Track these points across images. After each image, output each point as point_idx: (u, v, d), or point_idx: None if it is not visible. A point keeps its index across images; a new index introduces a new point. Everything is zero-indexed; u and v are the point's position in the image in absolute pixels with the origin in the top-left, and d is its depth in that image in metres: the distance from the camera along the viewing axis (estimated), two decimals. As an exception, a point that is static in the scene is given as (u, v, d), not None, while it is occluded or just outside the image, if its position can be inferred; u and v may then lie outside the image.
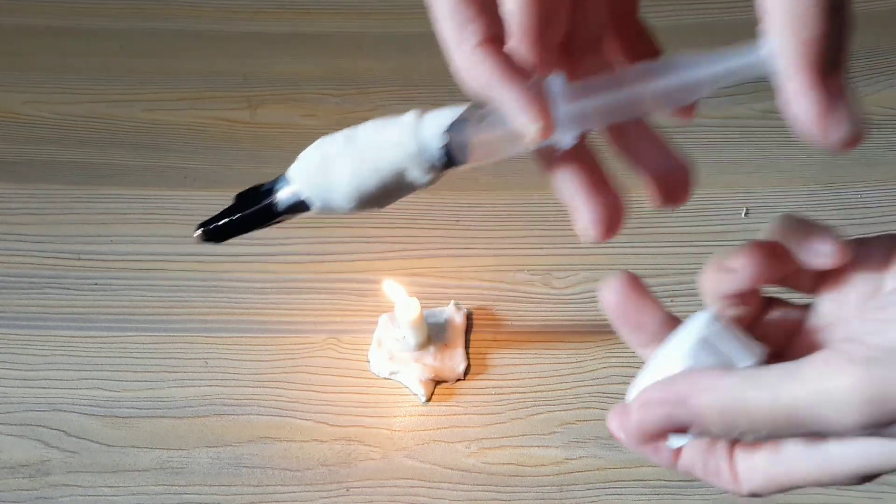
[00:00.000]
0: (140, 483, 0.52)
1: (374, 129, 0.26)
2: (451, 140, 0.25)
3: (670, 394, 0.25)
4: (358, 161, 0.26)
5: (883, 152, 0.68)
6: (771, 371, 0.24)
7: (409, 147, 0.26)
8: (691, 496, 0.51)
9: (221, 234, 0.30)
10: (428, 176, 0.26)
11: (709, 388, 0.24)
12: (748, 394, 0.23)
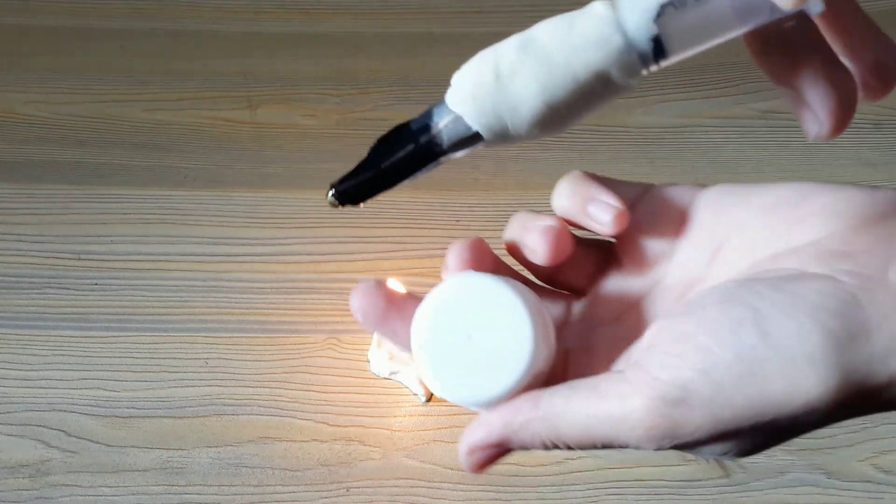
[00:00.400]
0: (140, 483, 0.52)
1: (558, 29, 0.22)
2: (661, 28, 0.21)
3: (493, 439, 0.25)
4: (545, 70, 0.21)
5: (883, 152, 0.68)
6: (579, 403, 0.24)
7: (613, 42, 0.21)
8: (691, 496, 0.51)
9: (364, 190, 0.24)
10: (634, 77, 0.22)
11: (524, 426, 0.25)
12: (561, 429, 0.24)
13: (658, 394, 0.23)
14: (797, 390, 0.22)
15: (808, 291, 0.23)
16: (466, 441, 0.26)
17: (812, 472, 0.52)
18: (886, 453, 0.53)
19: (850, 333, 0.22)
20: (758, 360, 0.22)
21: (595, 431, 0.24)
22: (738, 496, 0.51)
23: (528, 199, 0.63)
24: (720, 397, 0.22)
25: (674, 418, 0.23)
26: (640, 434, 0.23)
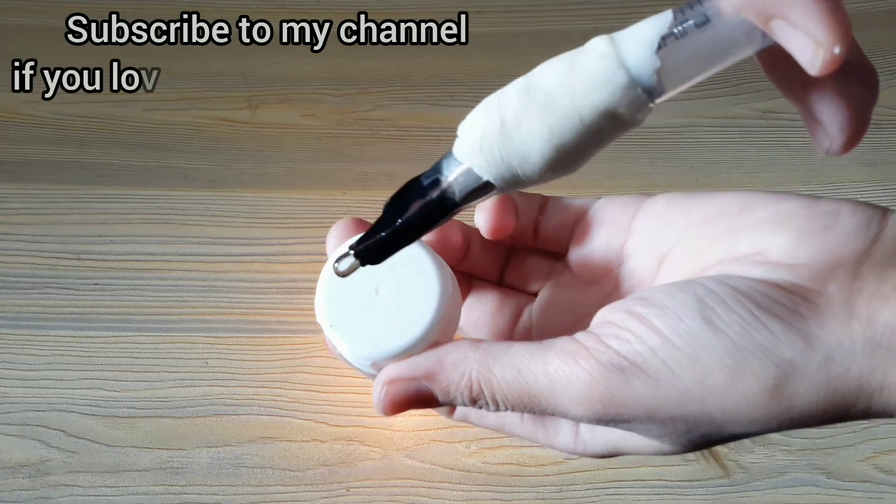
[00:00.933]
0: (140, 483, 0.52)
1: (559, 71, 0.21)
2: (664, 59, 0.21)
3: (418, 371, 0.25)
4: (551, 115, 0.21)
5: (883, 152, 0.68)
6: (520, 349, 0.24)
7: (617, 80, 0.21)
8: (691, 496, 0.51)
9: (383, 250, 0.25)
10: (643, 112, 0.22)
11: (456, 363, 0.25)
12: (494, 370, 0.24)
13: (607, 359, 0.23)
14: (737, 381, 0.22)
15: (752, 291, 0.23)
16: (388, 371, 0.26)
17: (812, 472, 0.52)
18: (886, 453, 0.53)
19: (790, 339, 0.22)
20: (702, 347, 0.22)
21: (530, 384, 0.24)
22: (738, 496, 0.51)
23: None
24: (665, 377, 0.23)
25: (616, 387, 0.23)
26: (576, 395, 0.23)
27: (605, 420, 0.24)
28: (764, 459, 0.53)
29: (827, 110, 0.23)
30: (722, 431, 0.23)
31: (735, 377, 0.22)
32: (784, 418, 0.23)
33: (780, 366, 0.22)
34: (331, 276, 0.27)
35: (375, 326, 0.26)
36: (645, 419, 0.23)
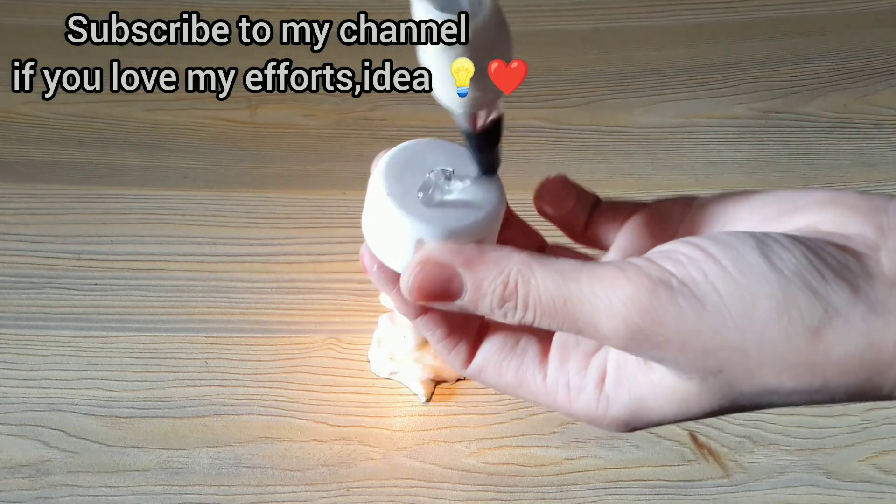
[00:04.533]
0: (140, 483, 0.52)
1: None
2: None
3: (457, 258, 0.25)
4: None
5: (883, 152, 0.68)
6: (565, 262, 0.24)
7: None
8: (691, 496, 0.51)
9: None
10: None
11: (498, 258, 0.24)
12: (536, 271, 0.24)
13: (657, 275, 0.23)
14: (782, 316, 0.22)
15: (810, 241, 0.23)
16: (426, 251, 0.25)
17: (812, 472, 0.52)
18: (886, 453, 0.53)
19: (839, 286, 0.22)
20: (754, 277, 0.22)
21: (570, 290, 0.23)
22: (738, 496, 0.51)
23: (528, 199, 0.63)
24: (712, 300, 0.22)
25: (661, 302, 0.23)
26: (617, 306, 0.23)
27: (638, 340, 0.23)
28: (764, 459, 0.53)
29: None
30: (753, 379, 0.23)
31: (781, 312, 0.22)
32: (818, 369, 0.23)
33: (827, 309, 0.22)
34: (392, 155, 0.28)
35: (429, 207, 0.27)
36: (679, 346, 0.23)
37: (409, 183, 0.27)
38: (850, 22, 0.76)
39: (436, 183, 0.27)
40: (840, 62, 0.73)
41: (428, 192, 0.27)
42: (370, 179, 0.28)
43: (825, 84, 0.72)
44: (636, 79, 0.73)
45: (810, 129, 0.70)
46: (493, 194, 0.27)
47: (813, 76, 0.72)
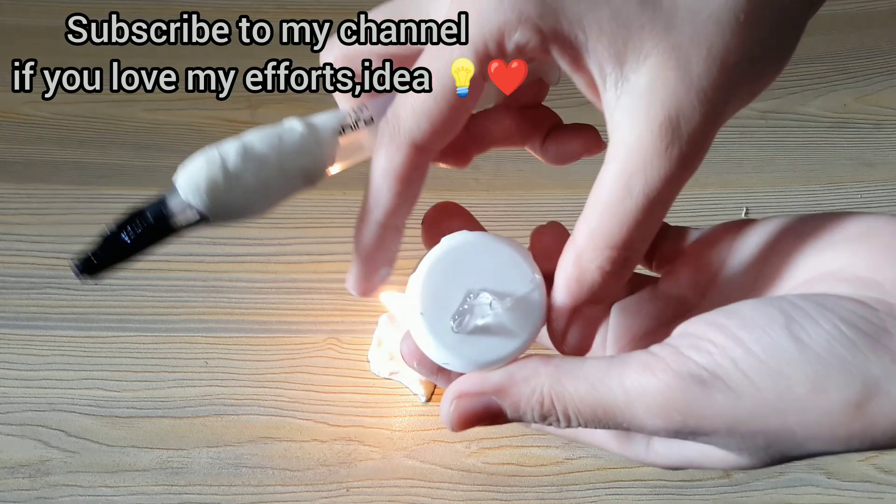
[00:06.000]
0: (140, 483, 0.52)
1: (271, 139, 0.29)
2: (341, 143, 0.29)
3: (488, 386, 0.25)
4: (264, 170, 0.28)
5: (883, 152, 0.68)
6: (593, 363, 0.24)
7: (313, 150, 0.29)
8: (691, 496, 0.51)
9: (103, 264, 0.28)
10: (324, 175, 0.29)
11: (527, 378, 0.25)
12: (567, 385, 0.24)
13: (687, 370, 0.23)
14: (820, 396, 0.22)
15: (839, 307, 0.23)
16: (457, 386, 0.26)
17: (812, 472, 0.52)
18: (886, 453, 0.53)
19: (876, 355, 0.22)
20: (786, 361, 0.22)
21: (604, 398, 0.23)
22: (738, 496, 0.51)
23: (528, 199, 0.63)
24: (746, 389, 0.22)
25: (696, 398, 0.22)
26: (654, 408, 0.23)
27: (684, 433, 0.23)
28: (764, 459, 0.53)
29: None
30: (802, 448, 0.23)
31: (818, 392, 0.22)
32: (866, 437, 0.22)
33: (866, 382, 0.22)
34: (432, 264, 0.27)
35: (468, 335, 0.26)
36: (725, 433, 0.23)
37: (445, 300, 0.27)
38: (850, 22, 0.76)
39: (472, 310, 0.26)
40: (840, 62, 0.73)
41: (463, 319, 0.26)
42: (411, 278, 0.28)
43: (825, 84, 0.72)
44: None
45: (810, 129, 0.70)
46: (532, 316, 0.26)
47: (813, 76, 0.72)
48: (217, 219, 0.28)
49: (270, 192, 0.28)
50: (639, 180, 0.24)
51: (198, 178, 0.28)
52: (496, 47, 0.24)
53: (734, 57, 0.23)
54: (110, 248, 0.28)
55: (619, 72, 0.24)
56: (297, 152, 0.28)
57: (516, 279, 0.26)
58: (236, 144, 0.28)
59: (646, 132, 0.23)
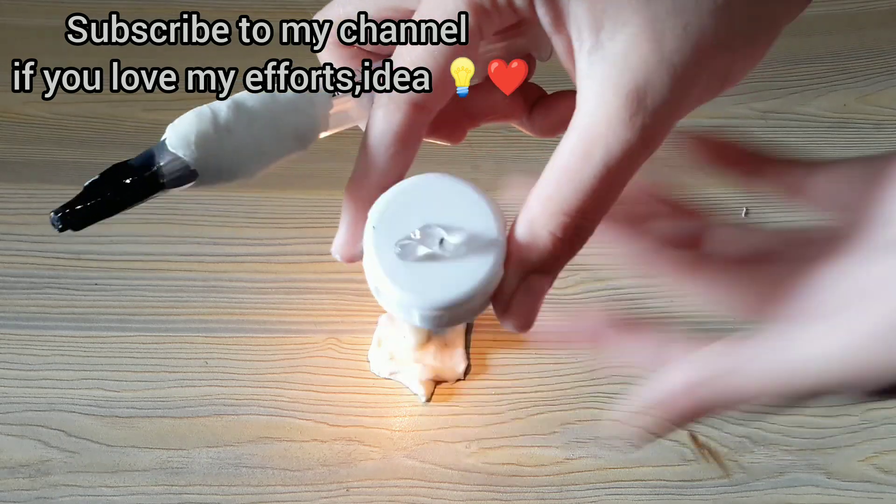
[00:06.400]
0: (140, 483, 0.52)
1: (264, 97, 0.28)
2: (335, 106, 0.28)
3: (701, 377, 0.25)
4: (256, 125, 0.27)
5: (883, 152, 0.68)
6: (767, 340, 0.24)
7: (304, 108, 0.28)
8: (691, 496, 0.51)
9: (87, 217, 0.27)
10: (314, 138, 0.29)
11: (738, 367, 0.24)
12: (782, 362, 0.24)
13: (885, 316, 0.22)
14: None
15: None
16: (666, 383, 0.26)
17: (812, 472, 0.52)
18: (886, 453, 0.53)
19: None
20: None
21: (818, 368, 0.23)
22: (738, 496, 0.51)
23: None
24: None
25: None
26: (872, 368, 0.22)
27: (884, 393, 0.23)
28: (764, 459, 0.53)
29: None
30: None
31: None
32: None
33: None
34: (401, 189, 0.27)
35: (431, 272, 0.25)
36: None
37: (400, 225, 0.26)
38: (850, 22, 0.76)
39: (421, 240, 0.26)
40: (840, 62, 0.73)
41: (409, 246, 0.26)
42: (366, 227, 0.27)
43: (825, 84, 0.72)
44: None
45: (810, 129, 0.70)
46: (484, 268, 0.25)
47: (813, 76, 0.72)
48: (206, 174, 0.27)
49: (262, 149, 0.27)
50: (600, 148, 0.24)
51: (187, 131, 0.27)
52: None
53: (708, 39, 0.23)
54: (93, 199, 0.27)
55: (594, 38, 0.24)
56: (289, 110, 0.27)
57: (480, 229, 0.26)
58: (228, 101, 0.28)
59: (612, 100, 0.23)
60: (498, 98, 0.30)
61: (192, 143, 0.27)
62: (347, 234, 0.29)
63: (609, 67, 0.23)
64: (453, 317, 0.26)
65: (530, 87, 0.31)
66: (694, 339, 0.27)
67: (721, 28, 0.23)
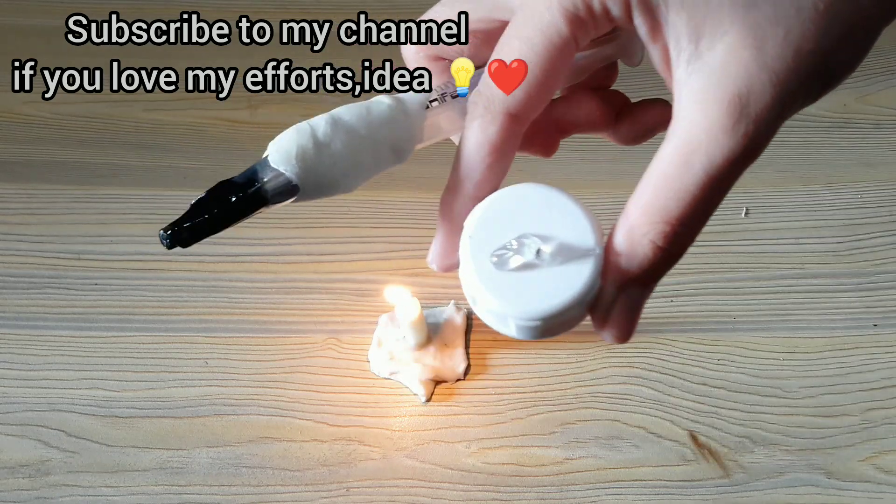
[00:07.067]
0: (140, 483, 0.52)
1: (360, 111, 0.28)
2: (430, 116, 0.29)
3: None
4: (353, 140, 0.28)
5: (883, 152, 0.68)
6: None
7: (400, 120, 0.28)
8: (691, 496, 0.51)
9: (196, 234, 0.27)
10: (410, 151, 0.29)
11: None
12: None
13: None
14: None
15: None
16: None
17: (812, 472, 0.52)
18: (886, 453, 0.53)
19: None
20: None
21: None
22: (738, 496, 0.51)
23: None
24: None
25: None
26: None
27: None
28: (764, 459, 0.53)
29: None
30: None
31: None
32: None
33: None
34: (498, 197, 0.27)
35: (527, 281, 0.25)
36: None
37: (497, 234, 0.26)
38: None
39: (517, 249, 0.25)
40: (840, 62, 0.73)
41: (504, 255, 0.26)
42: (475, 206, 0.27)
43: (825, 84, 0.72)
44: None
45: (810, 129, 0.70)
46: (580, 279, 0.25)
47: (813, 76, 0.72)
48: (308, 188, 0.27)
49: (360, 162, 0.28)
50: (701, 155, 0.23)
51: (288, 146, 0.27)
52: (585, 8, 0.24)
53: (809, 45, 0.23)
54: (200, 216, 0.27)
55: (693, 47, 0.24)
56: (385, 123, 0.28)
57: (576, 238, 0.26)
58: (325, 116, 0.28)
59: (714, 107, 0.23)
60: (588, 107, 0.30)
61: (293, 159, 0.27)
62: (444, 244, 0.29)
63: (709, 76, 0.24)
64: (550, 327, 0.26)
65: (615, 94, 0.31)
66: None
67: (821, 34, 0.23)
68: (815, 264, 0.62)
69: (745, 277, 0.61)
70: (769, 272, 0.61)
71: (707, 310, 0.59)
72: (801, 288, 0.60)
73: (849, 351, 0.57)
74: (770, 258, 0.62)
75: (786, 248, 0.62)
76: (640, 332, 0.58)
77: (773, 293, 0.60)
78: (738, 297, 0.60)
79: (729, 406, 0.55)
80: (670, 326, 0.58)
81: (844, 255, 0.62)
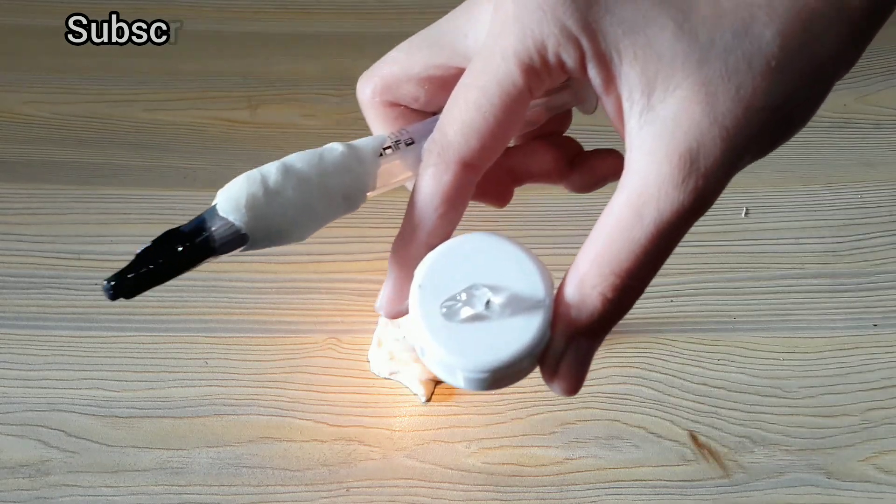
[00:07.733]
0: (140, 483, 0.52)
1: (312, 159, 0.28)
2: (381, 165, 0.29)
3: None
4: (305, 188, 0.28)
5: (883, 152, 0.68)
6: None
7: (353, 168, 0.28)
8: (691, 496, 0.51)
9: (139, 284, 0.28)
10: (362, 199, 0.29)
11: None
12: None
13: None
14: None
15: None
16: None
17: (812, 472, 0.52)
18: (886, 453, 0.53)
19: None
20: None
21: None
22: (738, 496, 0.51)
23: (528, 200, 0.63)
24: None
25: None
26: None
27: None
28: (764, 459, 0.53)
29: None
30: None
31: None
32: None
33: None
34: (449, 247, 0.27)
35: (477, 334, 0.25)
36: None
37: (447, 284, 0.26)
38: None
39: (466, 300, 0.25)
40: (840, 62, 0.73)
41: (454, 305, 0.25)
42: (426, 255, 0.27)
43: (825, 84, 0.72)
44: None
45: (810, 129, 0.69)
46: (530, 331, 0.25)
47: (813, 76, 0.72)
48: (258, 237, 0.27)
49: (312, 211, 0.28)
50: (651, 209, 0.24)
51: (238, 195, 0.27)
52: (539, 60, 0.24)
53: (759, 101, 0.24)
54: (145, 267, 0.27)
55: (646, 100, 0.24)
56: (337, 171, 0.28)
57: (526, 289, 0.25)
58: (277, 164, 0.27)
59: (664, 161, 0.23)
60: (541, 157, 0.31)
61: (242, 208, 0.27)
62: (393, 292, 0.28)
63: (660, 129, 0.24)
64: (499, 379, 0.25)
65: (568, 140, 0.32)
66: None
67: (774, 89, 0.24)
68: (815, 264, 0.62)
69: (745, 277, 0.61)
70: (769, 272, 0.61)
71: (707, 310, 0.59)
72: (801, 288, 0.60)
73: (849, 351, 0.57)
74: (770, 258, 0.62)
75: (786, 248, 0.62)
76: (641, 332, 0.58)
77: (773, 293, 0.60)
78: (738, 297, 0.60)
79: (729, 406, 0.55)
80: (670, 326, 0.58)
81: (844, 255, 0.62)
